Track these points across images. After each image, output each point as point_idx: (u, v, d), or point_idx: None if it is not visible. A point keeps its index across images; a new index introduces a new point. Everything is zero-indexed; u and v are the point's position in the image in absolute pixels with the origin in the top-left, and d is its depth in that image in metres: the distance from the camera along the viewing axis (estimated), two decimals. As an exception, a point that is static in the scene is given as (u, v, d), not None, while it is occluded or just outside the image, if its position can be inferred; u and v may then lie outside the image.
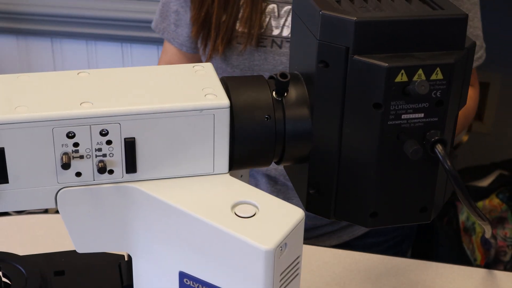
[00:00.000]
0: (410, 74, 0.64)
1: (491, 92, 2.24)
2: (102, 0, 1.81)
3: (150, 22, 1.79)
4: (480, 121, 2.28)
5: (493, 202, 2.01)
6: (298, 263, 0.66)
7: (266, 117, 0.69)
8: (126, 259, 0.79)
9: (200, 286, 0.66)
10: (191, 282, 0.66)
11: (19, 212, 1.42)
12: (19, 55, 1.92)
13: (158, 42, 1.82)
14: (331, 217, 0.72)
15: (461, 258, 1.98)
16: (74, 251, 0.78)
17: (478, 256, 1.99)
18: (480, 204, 2.01)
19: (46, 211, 1.49)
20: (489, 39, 2.17)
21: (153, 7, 1.77)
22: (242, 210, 0.65)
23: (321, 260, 1.05)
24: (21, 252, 0.79)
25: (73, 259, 0.78)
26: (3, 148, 0.63)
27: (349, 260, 1.07)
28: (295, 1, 0.72)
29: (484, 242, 1.99)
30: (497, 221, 2.02)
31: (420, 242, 2.04)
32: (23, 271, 0.74)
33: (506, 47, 2.21)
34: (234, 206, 0.65)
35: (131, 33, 1.81)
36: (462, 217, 2.02)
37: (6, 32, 1.91)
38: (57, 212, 1.51)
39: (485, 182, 2.05)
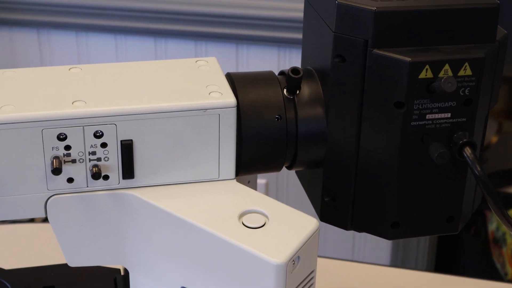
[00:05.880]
0: (436, 70, 0.64)
1: (523, 88, 2.24)
2: (93, -12, 1.82)
3: (146, 11, 1.80)
4: (511, 120, 2.28)
5: (526, 210, 2.01)
6: (312, 278, 0.66)
7: (277, 117, 0.69)
8: (122, 273, 0.80)
9: (204, 303, 0.66)
10: (194, 298, 0.67)
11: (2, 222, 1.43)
12: (2, 48, 1.93)
13: (156, 33, 1.82)
14: (348, 228, 0.72)
15: (490, 272, 1.98)
16: (65, 264, 0.79)
17: (510, 270, 1.99)
18: (511, 212, 2.01)
19: (32, 220, 1.49)
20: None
21: (150, -5, 1.78)
22: (250, 219, 0.65)
23: (337, 275, 1.06)
24: (7, 266, 0.80)
25: (64, 274, 0.79)
26: (-13, 151, 0.63)
27: (369, 274, 1.07)
28: (309, -11, 0.73)
29: (516, 254, 1.99)
30: (530, 232, 2.02)
31: (444, 254, 2.05)
32: (9, 286, 0.75)
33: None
34: (241, 215, 0.66)
35: (126, 23, 1.82)
36: (492, 227, 2.02)
37: (-12, 23, 1.91)
38: (44, 221, 1.51)
39: (516, 189, 2.06)
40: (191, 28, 1.79)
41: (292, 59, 1.77)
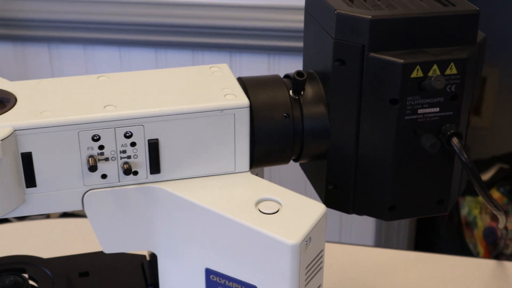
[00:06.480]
0: (425, 70, 0.66)
1: (488, 86, 2.27)
2: (98, 5, 1.83)
3: (147, 25, 1.82)
4: (478, 116, 2.31)
5: (494, 196, 2.04)
6: (321, 256, 0.68)
7: (285, 116, 0.71)
8: (148, 258, 0.81)
9: (226, 281, 0.68)
10: (218, 278, 0.68)
11: (21, 218, 1.44)
12: (16, 62, 1.94)
13: (156, 45, 1.83)
14: (350, 212, 0.74)
15: (463, 252, 2.01)
16: (96, 252, 0.80)
17: (481, 249, 2.02)
18: (480, 198, 2.03)
19: (48, 216, 1.50)
20: (487, 33, 2.20)
21: (150, 10, 1.80)
22: (265, 206, 0.67)
23: (327, 256, 1.07)
24: (44, 255, 0.81)
25: (96, 261, 0.80)
26: (30, 152, 0.65)
27: (356, 254, 1.09)
28: (308, 0, 0.75)
29: (486, 235, 2.02)
30: (498, 215, 2.05)
31: (421, 238, 2.07)
32: (49, 273, 0.76)
33: (503, 41, 2.24)
34: (257, 203, 0.67)
35: (129, 36, 1.83)
36: (464, 212, 2.05)
37: (2, 39, 1.92)
38: (61, 216, 1.51)
39: (485, 176, 2.08)
40: (189, 39, 1.81)
41: (281, 65, 1.79)
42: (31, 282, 0.76)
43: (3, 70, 1.95)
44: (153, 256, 0.78)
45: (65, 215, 1.62)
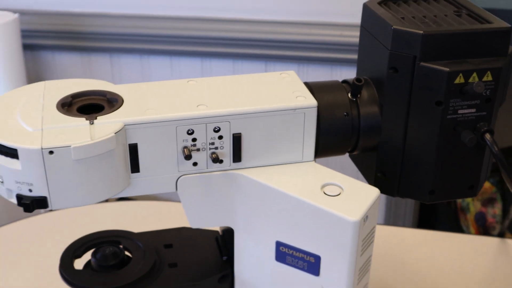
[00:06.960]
0: (467, 77, 0.67)
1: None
2: (153, 20, 1.84)
3: (195, 38, 1.83)
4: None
5: (485, 185, 2.04)
6: (374, 232, 0.69)
7: (345, 114, 0.72)
8: (220, 233, 0.82)
9: (294, 252, 0.69)
10: (287, 249, 0.69)
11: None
12: (83, 69, 1.95)
13: (202, 55, 1.85)
14: (395, 195, 0.75)
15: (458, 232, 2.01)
16: (178, 228, 0.81)
17: (472, 231, 2.02)
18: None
19: (107, 200, 1.51)
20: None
21: (198, 25, 1.80)
22: (329, 190, 0.68)
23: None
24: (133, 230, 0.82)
25: (178, 235, 0.81)
26: (136, 143, 0.66)
27: (384, 234, 1.09)
28: (364, 17, 0.75)
29: (477, 219, 2.02)
30: (488, 201, 2.06)
31: (423, 218, 2.08)
32: (140, 245, 0.77)
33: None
34: (322, 186, 0.68)
35: (179, 47, 1.84)
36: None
37: (71, 49, 1.93)
38: (119, 200, 1.51)
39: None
40: (230, 50, 1.82)
41: (309, 73, 1.80)
42: (126, 252, 0.77)
43: (71, 76, 1.96)
44: (226, 232, 0.79)
45: (120, 198, 1.63)
